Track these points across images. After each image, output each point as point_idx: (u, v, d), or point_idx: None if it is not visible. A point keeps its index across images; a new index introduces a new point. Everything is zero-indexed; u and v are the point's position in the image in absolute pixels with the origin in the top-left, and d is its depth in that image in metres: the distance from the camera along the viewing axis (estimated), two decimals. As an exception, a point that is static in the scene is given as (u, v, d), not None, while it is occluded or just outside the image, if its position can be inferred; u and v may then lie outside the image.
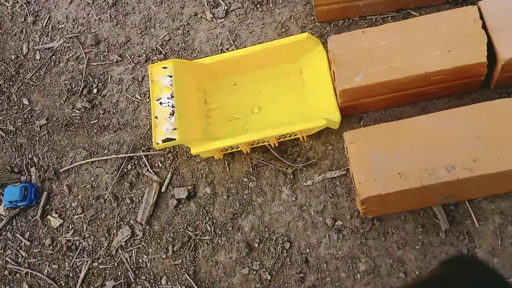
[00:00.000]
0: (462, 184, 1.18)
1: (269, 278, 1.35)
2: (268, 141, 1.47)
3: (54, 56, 1.84)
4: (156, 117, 1.41)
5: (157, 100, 1.43)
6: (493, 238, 1.25)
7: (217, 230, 1.43)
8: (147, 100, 1.67)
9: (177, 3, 1.83)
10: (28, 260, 1.55)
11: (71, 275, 1.50)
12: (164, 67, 1.47)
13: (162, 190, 1.52)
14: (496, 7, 1.37)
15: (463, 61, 1.32)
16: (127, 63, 1.76)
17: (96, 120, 1.68)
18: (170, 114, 1.40)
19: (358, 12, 1.63)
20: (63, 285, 1.50)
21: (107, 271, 1.48)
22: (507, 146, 1.17)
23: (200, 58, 1.70)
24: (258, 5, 1.76)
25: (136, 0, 1.87)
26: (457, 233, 1.28)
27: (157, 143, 1.37)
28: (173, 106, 1.41)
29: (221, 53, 1.71)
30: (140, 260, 1.46)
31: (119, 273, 1.46)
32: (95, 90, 1.73)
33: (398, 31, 1.42)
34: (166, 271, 1.43)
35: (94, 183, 1.59)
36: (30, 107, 1.77)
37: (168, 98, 1.43)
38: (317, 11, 1.63)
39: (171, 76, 1.45)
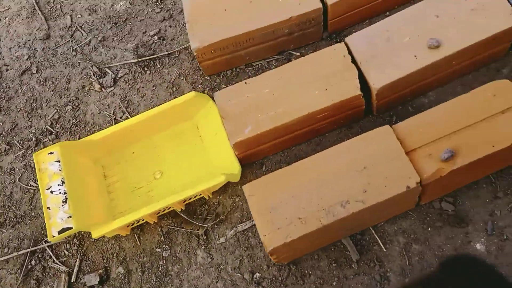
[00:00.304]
0: (359, 216, 1.23)
1: None
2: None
3: None
4: (48, 207, 1.33)
5: (47, 189, 1.36)
6: (401, 259, 1.30)
7: (136, 310, 1.36)
8: (44, 185, 1.58)
9: (62, 78, 1.78)
10: None
11: None
12: (51, 153, 1.41)
13: (72, 281, 1.42)
14: (360, 41, 1.46)
15: (340, 96, 1.39)
16: (16, 150, 1.67)
17: (-10, 219, 1.56)
18: (63, 202, 1.33)
19: (242, 60, 1.68)
20: None
21: None
22: (391, 172, 1.23)
23: (95, 131, 1.65)
24: (145, 68, 1.76)
25: (18, 82, 1.79)
26: (368, 261, 1.31)
27: (53, 236, 1.29)
28: (65, 193, 1.34)
29: (115, 122, 1.67)
30: None
31: None
32: (-16, 186, 1.62)
33: (278, 77, 1.47)
34: None
35: (-4, 289, 1.46)
36: None
37: (59, 185, 1.36)
38: (202, 66, 1.66)
39: (59, 161, 1.39)
